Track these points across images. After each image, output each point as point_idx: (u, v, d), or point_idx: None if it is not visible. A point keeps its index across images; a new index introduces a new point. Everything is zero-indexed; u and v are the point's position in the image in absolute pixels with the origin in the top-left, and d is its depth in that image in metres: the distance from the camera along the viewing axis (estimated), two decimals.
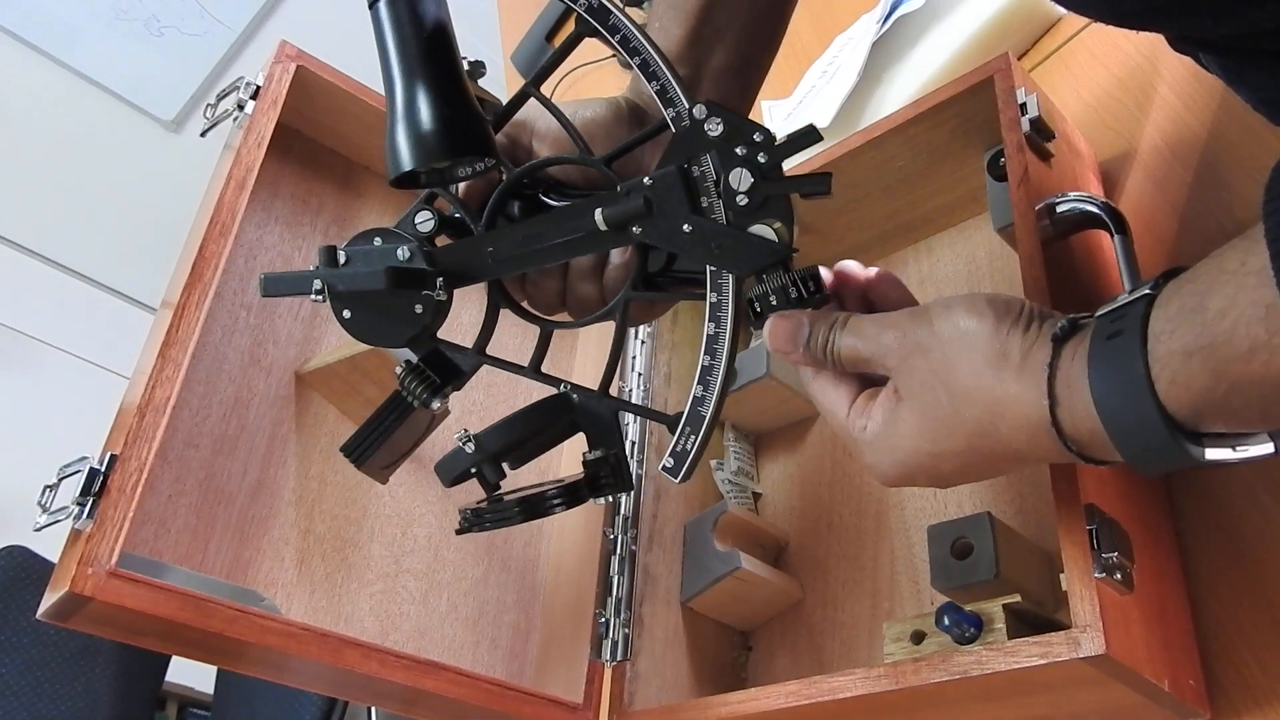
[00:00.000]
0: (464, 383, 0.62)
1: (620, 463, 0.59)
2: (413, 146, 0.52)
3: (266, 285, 0.61)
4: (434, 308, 0.59)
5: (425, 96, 0.53)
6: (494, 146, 0.56)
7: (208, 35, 2.71)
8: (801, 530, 0.83)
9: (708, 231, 0.54)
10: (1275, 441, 0.43)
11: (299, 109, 0.78)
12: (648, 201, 0.54)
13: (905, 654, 0.59)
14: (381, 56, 0.54)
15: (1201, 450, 0.43)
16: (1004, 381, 0.47)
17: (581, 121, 0.61)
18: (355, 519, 0.77)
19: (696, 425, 0.55)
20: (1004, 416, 0.47)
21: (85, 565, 0.55)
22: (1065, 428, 0.45)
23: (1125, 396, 0.43)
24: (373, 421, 0.63)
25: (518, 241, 0.58)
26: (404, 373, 0.61)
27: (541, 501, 0.58)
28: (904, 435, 0.51)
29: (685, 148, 0.54)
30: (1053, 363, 0.46)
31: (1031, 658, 0.51)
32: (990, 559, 0.61)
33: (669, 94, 0.55)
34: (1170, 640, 0.56)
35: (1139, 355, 0.42)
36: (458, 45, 0.55)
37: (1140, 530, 0.56)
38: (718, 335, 0.55)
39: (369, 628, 0.74)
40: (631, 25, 0.56)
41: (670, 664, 0.78)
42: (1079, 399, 0.44)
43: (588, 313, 0.63)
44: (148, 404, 0.60)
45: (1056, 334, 0.46)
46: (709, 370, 0.55)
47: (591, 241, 0.57)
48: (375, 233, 0.60)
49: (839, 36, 1.06)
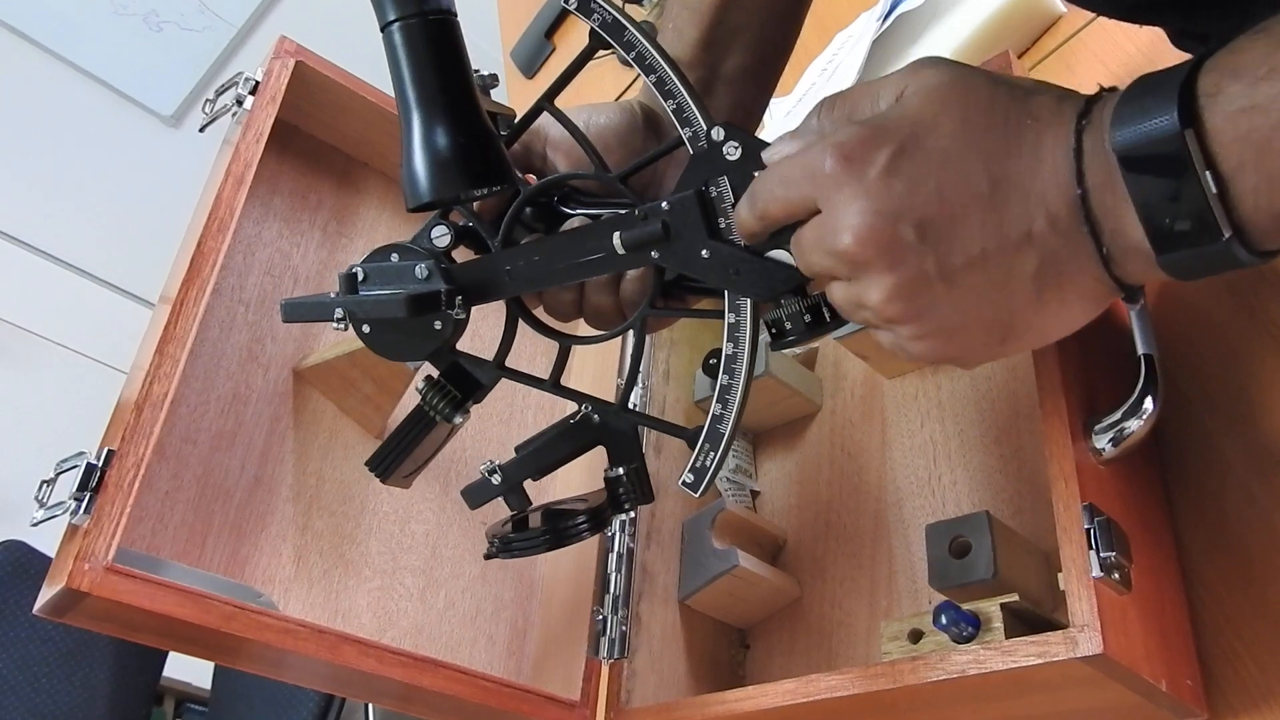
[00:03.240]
0: (484, 396, 0.63)
1: (641, 476, 0.61)
2: (431, 178, 0.53)
3: (287, 312, 0.62)
4: (454, 324, 0.60)
5: (443, 125, 0.53)
6: (512, 172, 0.56)
7: (207, 30, 2.71)
8: (799, 528, 0.83)
9: (726, 257, 0.54)
10: None
11: (298, 105, 0.78)
12: (666, 227, 0.54)
13: (903, 653, 0.59)
14: (395, 80, 0.54)
15: None
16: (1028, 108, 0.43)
17: (596, 130, 0.61)
18: (353, 515, 0.77)
19: (716, 442, 0.56)
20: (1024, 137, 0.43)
21: (82, 561, 0.55)
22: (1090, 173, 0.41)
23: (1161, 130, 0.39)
24: (396, 436, 0.64)
25: (535, 261, 0.58)
26: (426, 388, 0.62)
27: (568, 531, 0.61)
28: (900, 104, 0.45)
29: (702, 170, 0.54)
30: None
31: (1029, 657, 0.51)
32: (988, 558, 0.61)
33: (685, 113, 0.54)
34: (1168, 640, 0.56)
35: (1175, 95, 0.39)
36: (470, 62, 0.55)
37: (1138, 529, 0.56)
38: (736, 355, 0.55)
39: (366, 624, 0.74)
40: (647, 42, 0.55)
41: (668, 662, 0.78)
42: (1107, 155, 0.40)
43: (604, 322, 0.64)
44: (145, 400, 0.60)
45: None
46: (727, 390, 0.56)
47: (609, 262, 0.57)
48: (391, 249, 0.60)
49: (839, 34, 1.06)
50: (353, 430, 0.79)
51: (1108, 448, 0.56)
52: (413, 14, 0.52)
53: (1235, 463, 0.62)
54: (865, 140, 0.44)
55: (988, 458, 0.74)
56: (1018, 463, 0.72)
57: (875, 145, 0.44)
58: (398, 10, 0.52)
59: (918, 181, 0.43)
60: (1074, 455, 0.54)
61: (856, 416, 0.84)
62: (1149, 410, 0.56)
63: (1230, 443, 0.63)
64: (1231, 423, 0.63)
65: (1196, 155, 0.38)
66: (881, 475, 0.80)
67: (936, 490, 0.76)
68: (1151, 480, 0.63)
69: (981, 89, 0.44)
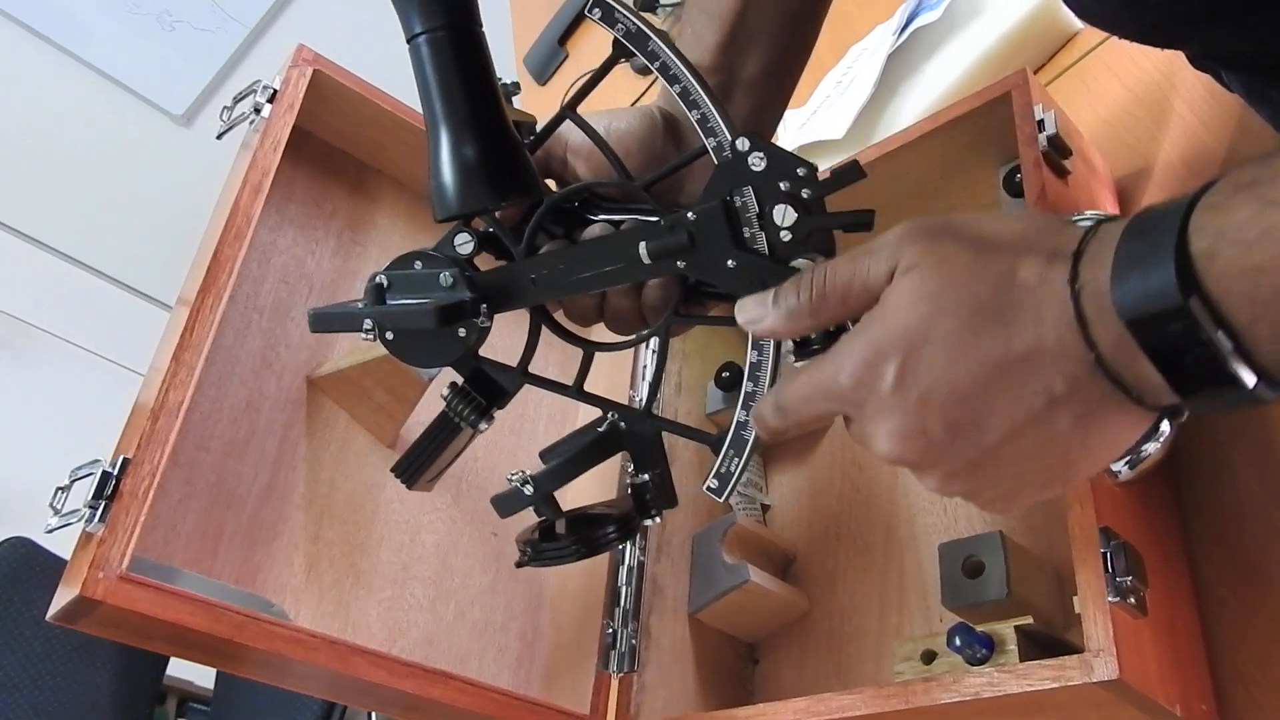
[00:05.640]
0: (507, 402, 0.63)
1: (665, 481, 0.61)
2: (460, 190, 0.53)
3: (315, 322, 0.63)
4: (478, 331, 0.60)
5: (471, 137, 0.53)
6: (538, 184, 0.57)
7: (220, 31, 2.71)
8: (810, 543, 0.83)
9: (752, 267, 0.54)
10: None
11: (314, 112, 0.78)
12: (691, 237, 0.55)
13: (916, 673, 0.59)
14: (422, 92, 0.54)
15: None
16: (1028, 249, 0.44)
17: (616, 135, 0.61)
18: (364, 524, 0.77)
19: (740, 449, 0.57)
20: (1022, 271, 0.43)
21: (96, 569, 0.55)
22: (1089, 314, 0.41)
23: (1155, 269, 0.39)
24: (421, 443, 0.65)
25: (560, 269, 0.58)
26: (451, 395, 0.63)
27: (599, 540, 0.62)
28: (893, 307, 0.46)
29: (727, 180, 0.54)
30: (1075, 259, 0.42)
31: (1044, 681, 0.51)
32: (1002, 578, 0.61)
33: (710, 124, 0.54)
34: (1182, 663, 0.56)
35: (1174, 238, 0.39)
36: (496, 73, 0.55)
37: (1153, 552, 0.56)
38: (760, 363, 0.56)
39: (377, 634, 0.74)
40: (671, 52, 0.55)
41: (677, 675, 0.78)
42: (1104, 287, 0.41)
43: (624, 326, 0.64)
44: (161, 407, 0.60)
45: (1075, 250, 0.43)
46: (752, 397, 0.56)
47: (634, 271, 0.57)
48: (415, 256, 0.60)
49: (854, 46, 1.06)
50: (365, 439, 0.79)
51: (1124, 470, 0.56)
52: (440, 26, 0.52)
53: (1250, 485, 0.62)
54: (869, 361, 0.46)
55: None
56: None
57: (880, 362, 0.46)
58: (424, 23, 0.52)
59: (929, 388, 0.45)
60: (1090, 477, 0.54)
61: None
62: (1166, 433, 0.56)
63: (1245, 465, 0.63)
64: (1246, 445, 0.63)
65: (1205, 319, 0.38)
66: (893, 490, 0.80)
67: (949, 507, 0.76)
68: (1166, 503, 0.63)
69: (965, 269, 0.45)
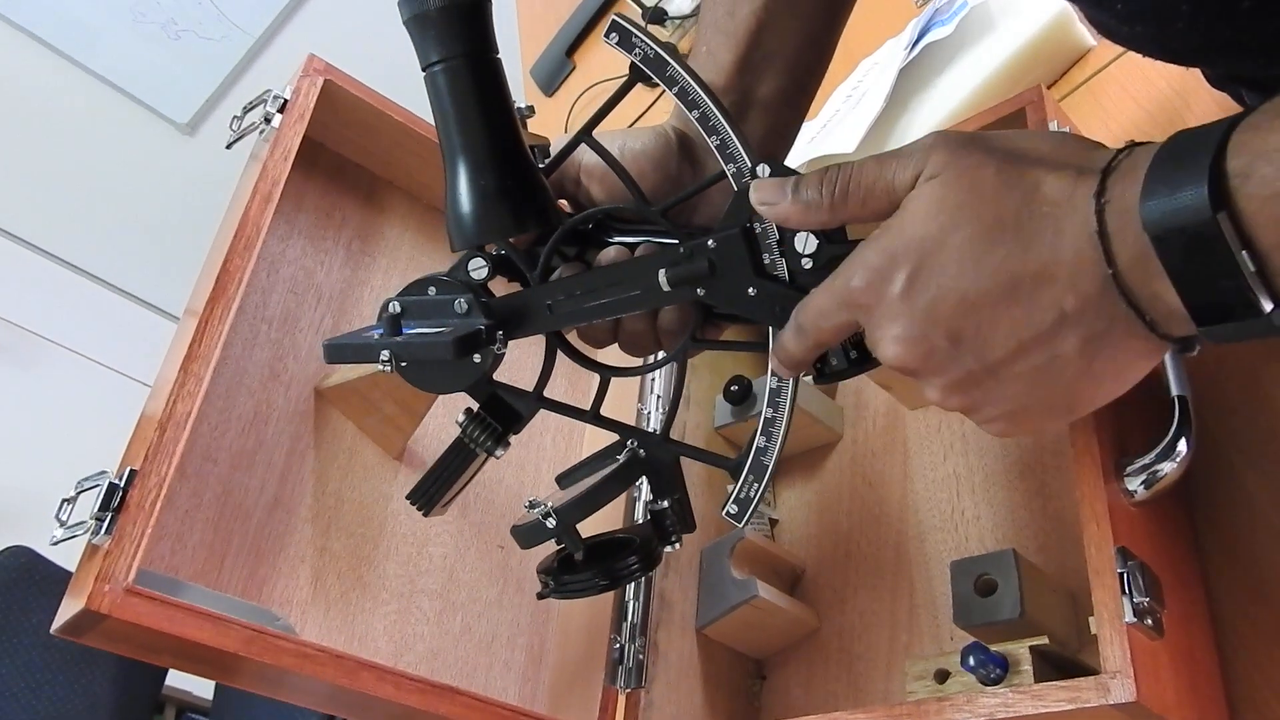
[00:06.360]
0: (522, 427, 0.63)
1: (684, 506, 0.62)
2: (479, 221, 0.53)
3: (330, 354, 0.62)
4: (493, 357, 0.59)
5: (490, 168, 0.53)
6: (556, 213, 0.57)
7: (225, 40, 2.71)
8: (819, 558, 0.83)
9: (771, 294, 0.54)
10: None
11: (324, 122, 0.78)
12: (711, 264, 0.54)
13: (929, 693, 0.59)
14: (439, 120, 0.53)
15: None
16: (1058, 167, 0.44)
17: (631, 156, 0.61)
18: (371, 537, 0.76)
19: (760, 474, 0.57)
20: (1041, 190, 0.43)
21: (102, 582, 0.54)
22: (1112, 230, 0.41)
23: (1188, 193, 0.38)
24: (437, 469, 0.65)
25: (578, 295, 0.58)
26: (467, 422, 0.62)
27: (622, 572, 0.62)
28: (911, 214, 0.46)
29: (747, 206, 0.54)
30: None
31: (1060, 702, 0.50)
32: (1015, 598, 0.61)
33: (729, 149, 0.54)
34: (1198, 685, 0.56)
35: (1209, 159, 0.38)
36: (513, 100, 0.55)
37: (1169, 573, 0.55)
38: (780, 389, 0.56)
39: (383, 648, 0.73)
40: (689, 77, 0.55)
41: (685, 691, 0.77)
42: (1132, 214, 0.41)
43: (639, 349, 0.64)
44: (168, 419, 0.60)
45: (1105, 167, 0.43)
46: (771, 423, 0.56)
47: (653, 298, 0.57)
48: (429, 281, 0.60)
49: (864, 61, 1.06)
50: (372, 451, 0.79)
51: (1140, 490, 0.55)
52: (457, 54, 0.52)
53: (1265, 506, 0.62)
54: (881, 268, 0.47)
55: (1011, 493, 0.73)
56: (1042, 499, 0.71)
57: (892, 268, 0.46)
58: (441, 52, 0.52)
59: (938, 296, 0.45)
60: (1106, 497, 0.54)
61: (878, 446, 0.83)
62: (1182, 453, 0.55)
63: (1260, 486, 0.62)
64: (1262, 466, 0.63)
65: (1232, 237, 0.38)
66: (903, 507, 0.79)
67: (959, 525, 0.75)
68: (1181, 523, 0.62)
69: (989, 181, 0.45)
